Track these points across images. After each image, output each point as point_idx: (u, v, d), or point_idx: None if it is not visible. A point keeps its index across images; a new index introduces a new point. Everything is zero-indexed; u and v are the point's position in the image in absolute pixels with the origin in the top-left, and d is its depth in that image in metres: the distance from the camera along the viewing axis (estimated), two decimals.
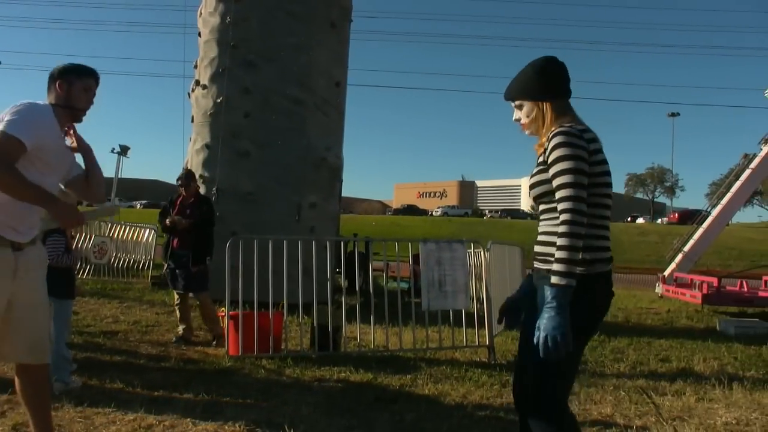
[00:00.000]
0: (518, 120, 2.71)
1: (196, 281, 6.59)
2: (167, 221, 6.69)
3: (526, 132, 2.70)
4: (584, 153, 2.42)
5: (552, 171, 2.43)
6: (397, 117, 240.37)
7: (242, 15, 9.41)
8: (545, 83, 2.62)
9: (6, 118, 2.84)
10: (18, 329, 3.03)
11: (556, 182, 2.41)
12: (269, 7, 9.40)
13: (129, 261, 13.12)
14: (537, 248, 2.60)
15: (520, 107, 2.69)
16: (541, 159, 2.55)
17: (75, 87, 3.11)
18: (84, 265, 11.87)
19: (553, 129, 2.51)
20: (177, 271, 6.61)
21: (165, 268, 6.95)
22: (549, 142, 2.47)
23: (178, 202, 6.80)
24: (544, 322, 2.33)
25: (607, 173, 2.51)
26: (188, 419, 3.99)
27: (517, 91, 2.68)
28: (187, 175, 6.92)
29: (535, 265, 2.62)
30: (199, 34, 10.21)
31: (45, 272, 3.27)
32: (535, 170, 2.57)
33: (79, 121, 3.22)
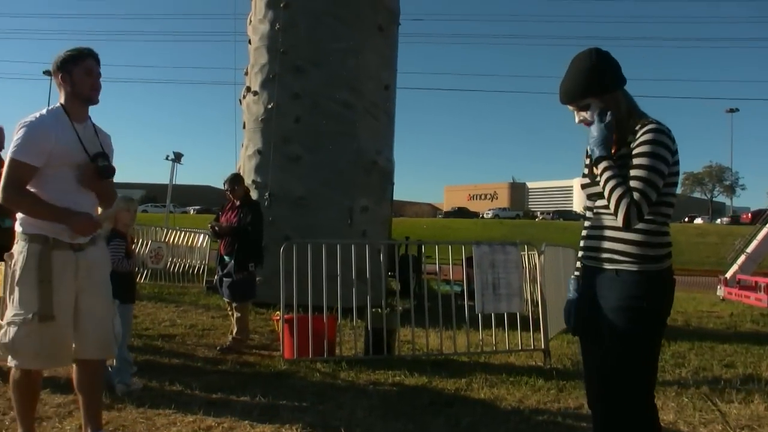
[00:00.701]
0: (583, 120, 2.63)
1: (239, 289, 6.41)
2: (209, 226, 6.71)
3: None
4: (669, 157, 2.43)
5: (636, 161, 2.41)
6: (446, 119, 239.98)
7: (291, 21, 9.50)
8: (606, 75, 2.56)
9: (14, 140, 3.03)
10: (85, 328, 3.16)
11: (636, 172, 2.40)
12: (317, 12, 9.47)
13: (184, 266, 13.36)
14: (596, 243, 2.58)
15: (585, 107, 2.59)
16: (620, 153, 2.51)
17: (76, 74, 3.15)
18: (141, 270, 12.14)
19: (643, 122, 2.48)
20: (224, 278, 6.52)
21: (216, 274, 6.94)
22: (641, 135, 2.44)
23: (228, 207, 6.83)
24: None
25: (678, 174, 2.51)
26: (246, 421, 4.03)
27: (580, 91, 2.58)
28: (232, 179, 6.73)
29: (589, 264, 2.62)
30: (249, 42, 10.36)
31: (108, 271, 3.41)
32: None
33: (94, 103, 3.26)
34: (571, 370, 5.79)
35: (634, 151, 2.42)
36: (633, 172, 2.40)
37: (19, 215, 3.15)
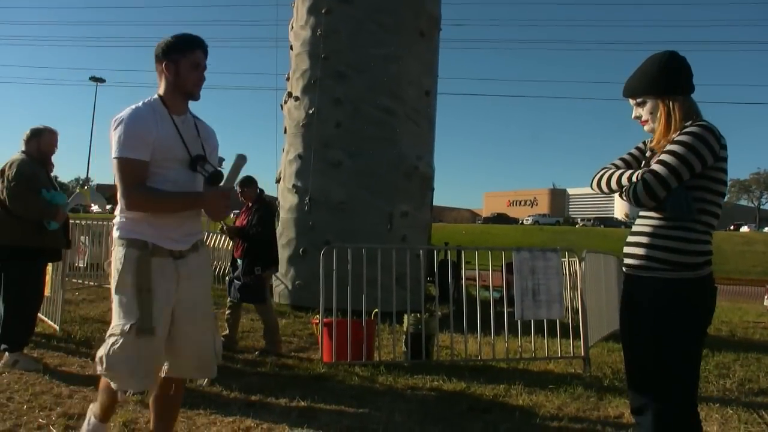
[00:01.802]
0: (638, 117, 2.67)
1: (248, 291, 6.40)
2: (219, 228, 6.75)
3: (646, 128, 2.67)
4: (709, 156, 2.41)
5: (667, 147, 2.45)
6: (486, 125, 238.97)
7: (332, 27, 9.59)
8: (671, 79, 2.58)
9: (114, 141, 2.77)
10: (182, 344, 2.91)
11: (662, 156, 2.44)
12: (359, 18, 9.54)
13: (224, 268, 13.55)
14: (634, 250, 2.58)
15: (642, 104, 2.64)
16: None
17: (182, 66, 2.89)
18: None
19: (689, 123, 2.49)
20: (234, 280, 6.54)
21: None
22: (684, 129, 2.47)
23: (243, 210, 6.85)
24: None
25: (725, 183, 2.51)
26: (284, 423, 4.07)
27: (641, 88, 2.62)
28: (243, 181, 6.70)
29: (632, 272, 2.61)
30: (291, 47, 10.48)
31: (209, 281, 3.19)
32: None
33: (196, 98, 3.01)
34: (612, 378, 5.72)
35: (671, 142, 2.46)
36: (658, 157, 2.45)
37: (116, 219, 2.92)
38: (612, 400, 4.95)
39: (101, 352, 2.79)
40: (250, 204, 6.71)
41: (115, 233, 2.88)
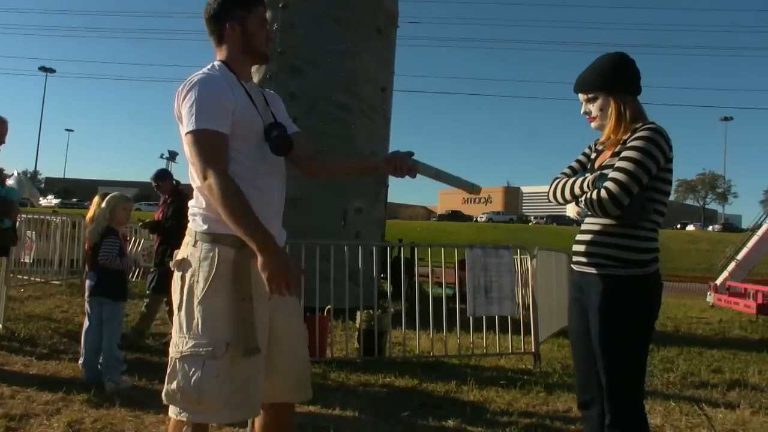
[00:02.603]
0: (587, 113, 2.70)
1: (154, 282, 6.47)
2: (139, 224, 6.69)
3: (593, 125, 2.70)
4: (661, 158, 2.46)
5: (623, 153, 2.47)
6: (442, 122, 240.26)
7: (289, 21, 9.51)
8: (624, 78, 2.62)
9: (186, 112, 2.25)
10: (279, 363, 2.40)
11: (619, 163, 2.46)
12: (316, 13, 9.49)
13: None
14: (584, 248, 2.63)
15: (592, 100, 2.66)
16: (615, 151, 2.56)
17: (250, 23, 2.43)
18: (134, 269, 12.12)
19: (640, 125, 2.53)
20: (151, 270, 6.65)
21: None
22: (636, 132, 2.50)
23: (161, 203, 6.86)
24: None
25: (671, 183, 2.57)
26: None
27: (594, 83, 2.65)
28: (156, 175, 6.79)
29: (582, 269, 2.65)
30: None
31: (300, 291, 2.66)
32: (609, 164, 2.56)
33: (266, 62, 2.62)
34: (561, 373, 5.83)
35: (626, 146, 2.49)
36: (616, 164, 2.47)
37: (192, 206, 2.39)
38: (561, 395, 5.04)
39: (176, 385, 2.22)
40: (166, 197, 6.70)
41: (193, 224, 2.34)
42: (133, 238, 12.37)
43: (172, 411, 2.28)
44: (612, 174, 2.45)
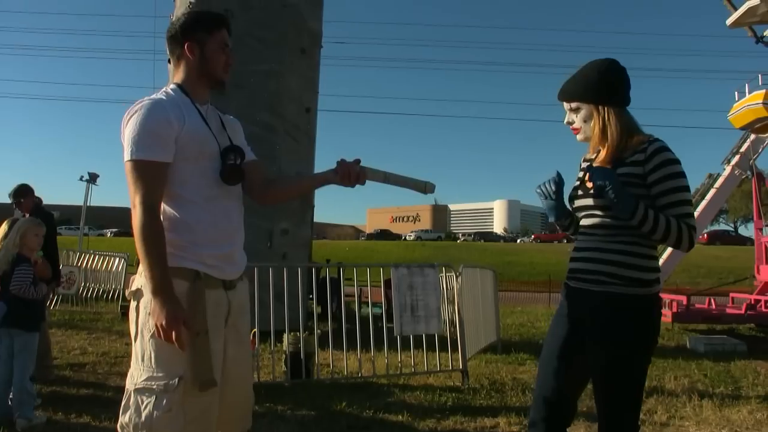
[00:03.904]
0: (571, 123, 2.57)
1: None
2: None
3: (579, 137, 2.57)
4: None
5: (668, 184, 2.34)
6: (368, 142, 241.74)
7: None
8: (610, 87, 2.48)
9: (126, 140, 2.22)
10: (227, 392, 2.33)
11: (675, 196, 2.35)
12: (239, 33, 9.29)
13: (98, 290, 12.93)
14: (585, 266, 2.49)
15: (576, 110, 2.53)
16: (624, 171, 2.39)
17: (209, 46, 2.40)
18: (51, 296, 11.65)
19: (649, 139, 2.41)
20: None
21: None
22: (654, 155, 2.36)
23: None
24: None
25: None
26: None
27: (577, 92, 2.51)
28: (15, 191, 6.21)
29: (576, 285, 2.52)
30: (169, 61, 10.16)
31: (249, 317, 2.57)
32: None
33: (223, 88, 2.52)
34: (489, 389, 5.90)
35: (658, 174, 2.35)
36: (672, 197, 2.35)
37: None
38: (488, 411, 5.09)
39: (129, 418, 2.17)
40: (26, 216, 6.31)
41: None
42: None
43: None
44: (681, 210, 2.34)
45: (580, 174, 2.63)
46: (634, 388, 2.43)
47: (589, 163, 2.60)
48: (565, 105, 2.57)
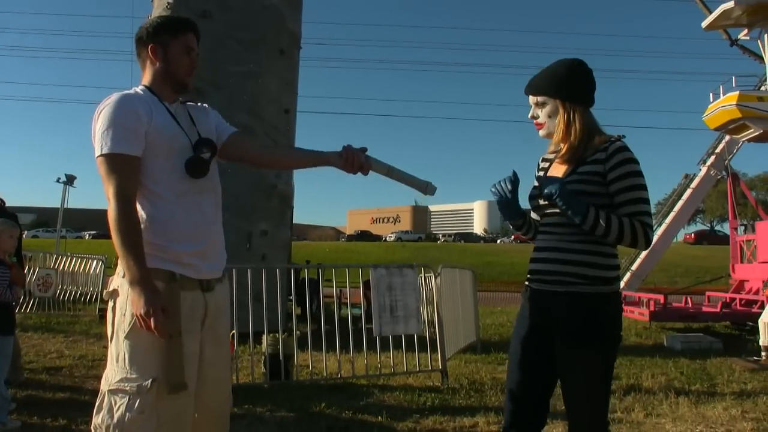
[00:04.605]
0: (535, 118, 2.57)
1: None
2: None
3: (541, 133, 2.58)
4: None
5: (625, 182, 2.37)
6: (347, 143, 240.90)
7: None
8: (578, 86, 2.51)
9: (97, 135, 2.24)
10: (203, 394, 2.33)
11: (632, 194, 2.37)
12: (217, 34, 9.37)
13: (76, 293, 12.79)
14: (546, 266, 2.48)
15: (541, 105, 2.53)
16: (584, 170, 2.43)
17: (172, 50, 2.40)
18: (27, 299, 11.50)
19: (605, 140, 2.43)
20: None
21: None
22: (614, 155, 2.39)
23: None
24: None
25: None
26: None
27: (544, 87, 2.51)
28: None
29: (537, 287, 2.52)
30: None
31: (228, 319, 2.57)
32: (573, 179, 2.43)
33: (187, 90, 2.50)
34: (468, 389, 5.92)
35: (616, 173, 2.38)
36: (629, 195, 2.37)
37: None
38: (467, 410, 5.11)
39: (101, 419, 2.18)
40: None
41: None
42: (27, 267, 11.74)
43: None
44: (636, 207, 2.36)
45: (540, 173, 2.65)
46: (602, 385, 2.45)
47: (548, 163, 2.64)
48: (531, 99, 2.58)
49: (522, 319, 2.60)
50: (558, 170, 2.53)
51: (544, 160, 2.69)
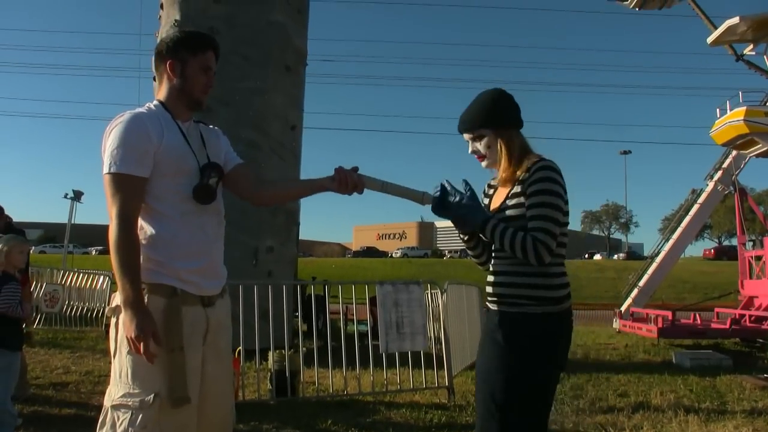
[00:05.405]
0: (476, 152, 2.64)
1: None
2: None
3: (484, 164, 2.64)
4: (564, 194, 2.46)
5: (534, 200, 2.41)
6: (353, 159, 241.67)
7: None
8: (507, 113, 2.60)
9: (105, 153, 2.26)
10: (205, 409, 2.34)
11: (535, 211, 2.40)
12: (224, 51, 9.22)
13: (82, 309, 12.80)
14: (500, 290, 2.54)
15: (478, 138, 2.61)
16: (514, 192, 2.50)
17: (190, 67, 2.42)
18: (34, 315, 11.51)
19: (534, 160, 2.49)
20: None
21: None
22: (534, 173, 2.44)
23: None
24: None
25: (568, 214, 2.53)
26: None
27: (478, 121, 2.59)
28: None
29: (493, 307, 2.57)
30: (155, 78, 10.14)
31: (230, 334, 2.58)
32: (508, 204, 2.51)
33: (200, 110, 2.52)
34: (475, 406, 5.86)
35: (530, 190, 2.43)
36: (532, 212, 2.41)
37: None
38: (474, 428, 5.05)
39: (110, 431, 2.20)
40: None
41: None
42: (34, 282, 11.77)
43: None
44: (535, 224, 2.39)
45: (486, 201, 2.73)
46: (542, 403, 2.49)
47: (493, 189, 2.71)
48: (466, 136, 2.66)
49: (483, 337, 2.65)
50: (501, 194, 2.61)
51: (489, 186, 2.77)
